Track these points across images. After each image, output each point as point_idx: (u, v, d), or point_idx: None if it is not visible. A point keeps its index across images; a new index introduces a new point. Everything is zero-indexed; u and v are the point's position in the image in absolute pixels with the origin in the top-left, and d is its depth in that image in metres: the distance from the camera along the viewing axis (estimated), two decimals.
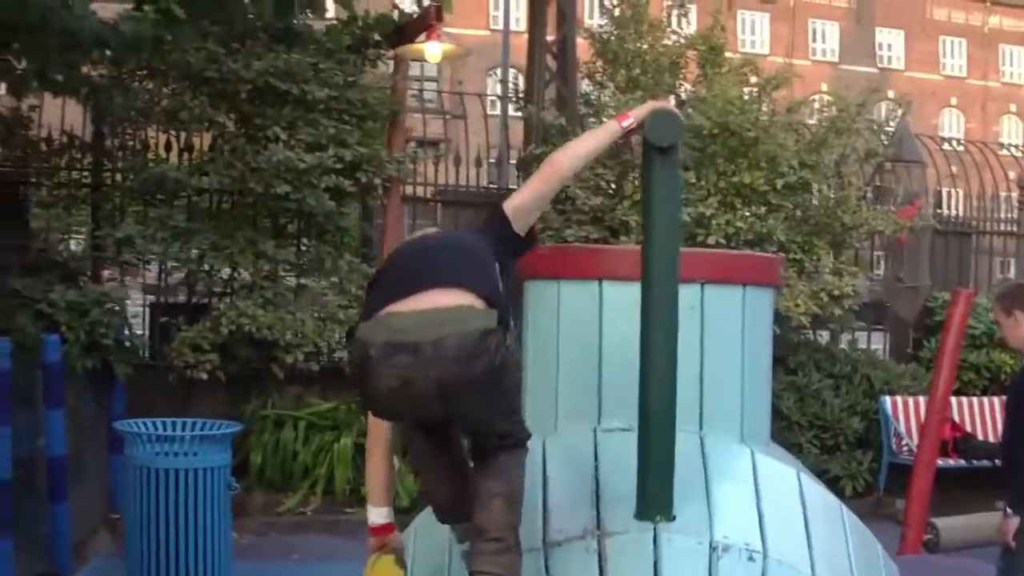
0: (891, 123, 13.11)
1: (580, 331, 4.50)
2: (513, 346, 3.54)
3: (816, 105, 13.12)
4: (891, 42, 65.91)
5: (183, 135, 10.85)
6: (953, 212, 15.07)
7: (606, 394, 4.38)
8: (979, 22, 67.78)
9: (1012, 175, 15.07)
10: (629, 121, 3.80)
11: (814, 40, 64.48)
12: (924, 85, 61.81)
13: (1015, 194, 15.29)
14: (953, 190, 15.10)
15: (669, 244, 3.72)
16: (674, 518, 3.75)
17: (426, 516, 4.19)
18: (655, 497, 3.73)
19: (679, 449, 3.81)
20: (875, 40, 65.44)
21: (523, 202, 3.80)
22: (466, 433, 3.67)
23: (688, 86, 12.09)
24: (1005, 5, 68.90)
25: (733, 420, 4.47)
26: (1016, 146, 18.83)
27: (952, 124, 64.02)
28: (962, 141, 16.77)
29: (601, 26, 11.94)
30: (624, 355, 3.94)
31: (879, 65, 62.39)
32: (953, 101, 66.02)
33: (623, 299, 4.18)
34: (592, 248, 4.72)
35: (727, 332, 4.45)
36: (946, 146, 15.52)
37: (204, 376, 9.64)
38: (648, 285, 3.74)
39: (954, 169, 14.70)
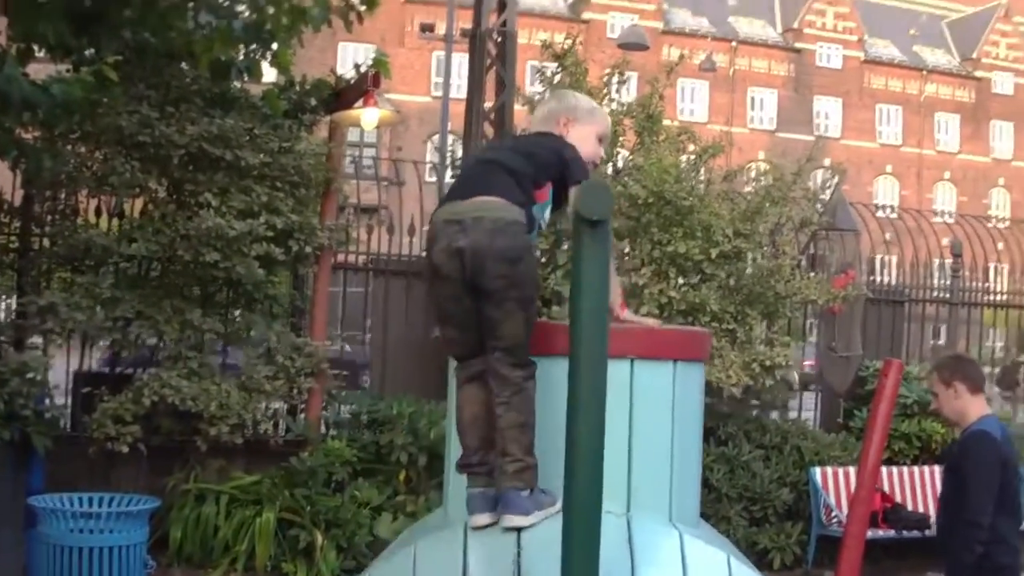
0: (826, 191, 13.19)
1: None
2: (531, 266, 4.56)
3: (752, 174, 13.16)
4: (828, 110, 66.81)
5: (114, 200, 10.72)
6: (886, 279, 15.13)
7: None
8: (915, 91, 68.84)
9: (945, 242, 15.19)
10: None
11: (753, 108, 65.29)
12: (860, 153, 62.87)
13: (948, 261, 15.43)
14: (887, 257, 15.20)
15: (598, 319, 3.64)
16: None
17: None
18: None
19: (605, 533, 3.72)
20: (813, 108, 66.28)
21: None
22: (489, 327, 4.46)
23: (626, 153, 12.10)
24: (941, 73, 70.08)
25: (662, 500, 4.40)
26: (950, 213, 18.97)
27: (887, 191, 64.93)
28: (896, 208, 16.89)
29: (539, 94, 11.94)
30: (552, 434, 3.89)
31: (816, 133, 63.06)
32: (888, 168, 66.97)
33: (551, 375, 4.22)
34: None
35: (657, 409, 4.38)
36: (880, 213, 15.65)
37: (125, 449, 9.45)
38: (576, 361, 3.65)
39: (888, 236, 14.80)
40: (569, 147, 4.70)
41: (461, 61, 33.62)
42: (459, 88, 35.50)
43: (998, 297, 16.21)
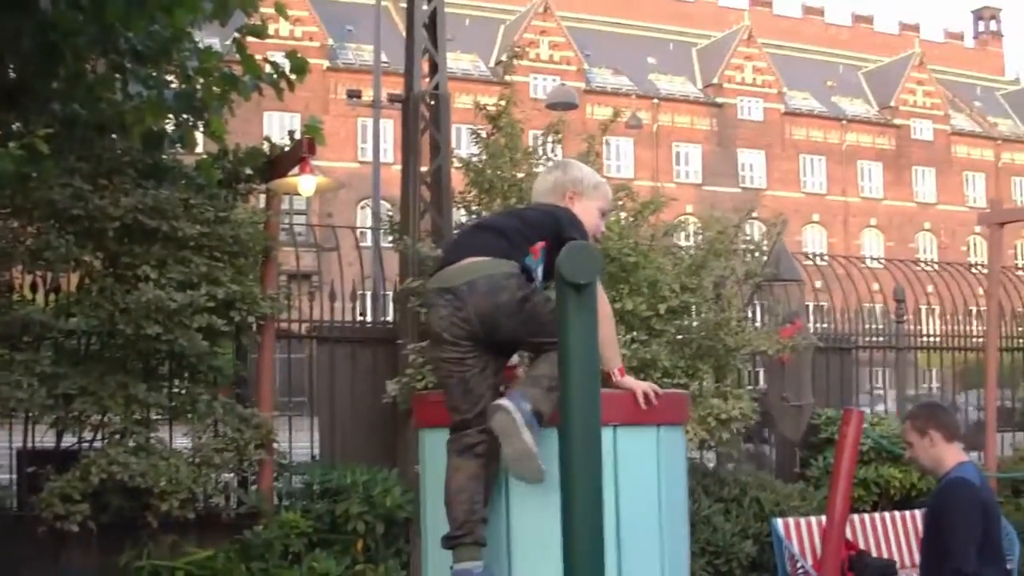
0: (766, 243, 13.15)
1: None
2: (538, 288, 4.60)
3: (692, 228, 13.12)
4: (752, 162, 67.54)
5: (49, 275, 10.47)
6: (824, 326, 15.13)
7: (516, 549, 4.15)
8: (837, 140, 69.83)
9: (875, 287, 15.23)
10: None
11: (678, 163, 65.88)
12: (786, 203, 63.41)
13: (881, 306, 15.49)
14: (821, 304, 15.23)
15: (588, 388, 3.45)
16: None
17: None
18: None
19: None
20: (737, 161, 66.97)
21: None
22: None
23: None
24: (860, 122, 71.16)
25: (653, 570, 4.24)
26: (879, 258, 19.11)
27: (815, 240, 65.63)
28: (826, 256, 16.95)
29: (474, 155, 11.83)
30: (531, 505, 3.74)
31: (742, 185, 63.80)
32: (815, 217, 67.73)
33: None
34: None
35: (643, 477, 4.25)
36: (809, 261, 15.67)
37: (75, 528, 9.19)
38: (567, 433, 3.46)
39: (818, 284, 14.81)
40: (566, 210, 4.80)
41: (386, 126, 33.81)
42: (386, 152, 35.61)
43: (935, 340, 16.27)
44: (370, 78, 33.60)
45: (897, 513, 11.89)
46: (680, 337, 11.06)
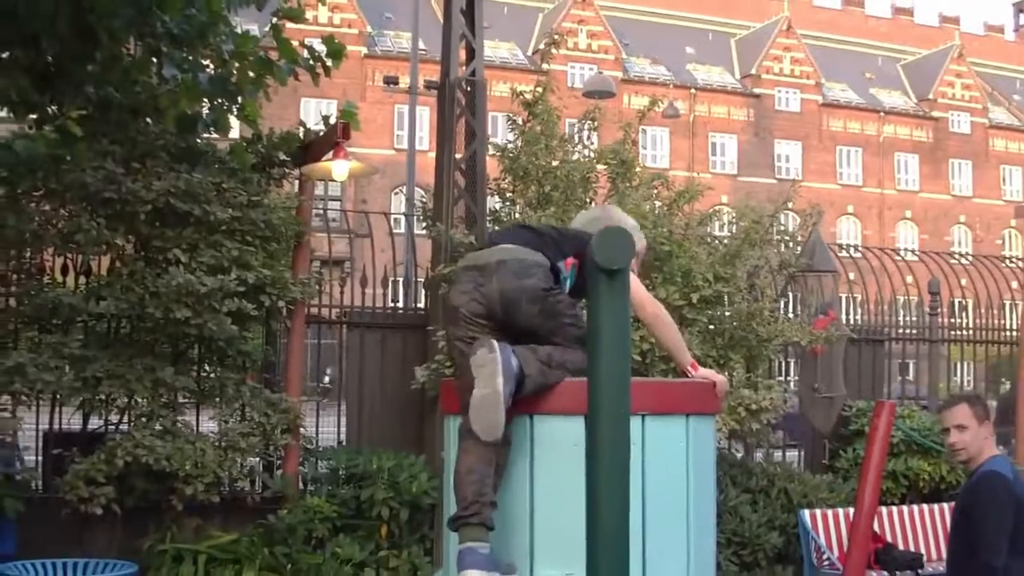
0: (801, 234, 13.06)
1: (508, 468, 4.25)
2: (561, 293, 4.74)
3: (727, 218, 13.05)
4: (789, 153, 67.13)
5: (80, 258, 10.50)
6: (857, 318, 15.02)
7: (539, 538, 4.10)
8: (874, 132, 69.33)
9: (909, 280, 15.12)
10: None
11: (714, 153, 65.56)
12: (822, 194, 62.91)
13: (915, 298, 15.39)
14: (853, 296, 15.12)
15: (618, 375, 3.36)
16: None
17: None
18: None
19: None
20: (773, 152, 66.60)
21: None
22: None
23: (597, 202, 11.96)
24: (898, 114, 70.63)
25: (679, 562, 4.19)
26: (913, 251, 18.98)
27: (850, 231, 65.27)
28: (860, 247, 16.83)
29: (510, 142, 11.80)
30: (558, 494, 3.70)
31: (778, 176, 63.45)
32: (850, 209, 67.32)
33: (557, 434, 4.10)
34: None
35: (671, 467, 4.19)
36: (844, 253, 15.58)
37: (99, 510, 9.20)
38: (596, 424, 3.37)
39: (852, 275, 14.72)
40: None
41: (423, 114, 33.80)
42: (422, 140, 35.57)
43: (968, 332, 16.17)
44: (408, 65, 33.56)
45: (925, 506, 11.82)
46: (712, 327, 10.99)
